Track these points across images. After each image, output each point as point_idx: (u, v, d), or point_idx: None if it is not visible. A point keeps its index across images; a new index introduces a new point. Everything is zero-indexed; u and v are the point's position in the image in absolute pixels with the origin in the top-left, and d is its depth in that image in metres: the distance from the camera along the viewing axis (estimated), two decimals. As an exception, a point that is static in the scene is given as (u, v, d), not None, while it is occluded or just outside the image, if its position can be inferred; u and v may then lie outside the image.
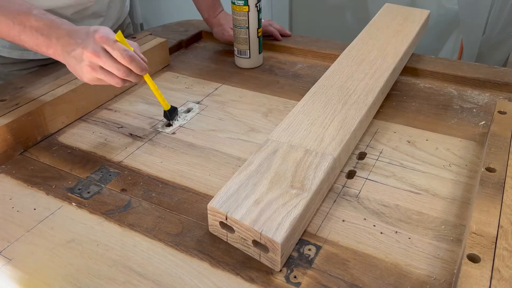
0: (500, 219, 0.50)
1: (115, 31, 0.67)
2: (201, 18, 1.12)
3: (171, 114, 0.78)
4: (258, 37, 0.94)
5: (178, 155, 0.71)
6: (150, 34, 0.98)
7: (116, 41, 0.65)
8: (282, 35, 1.07)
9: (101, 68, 0.65)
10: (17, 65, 0.96)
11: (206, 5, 1.05)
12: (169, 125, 0.78)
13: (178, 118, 0.80)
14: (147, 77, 0.72)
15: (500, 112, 0.69)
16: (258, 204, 0.53)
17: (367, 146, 0.71)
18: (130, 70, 0.66)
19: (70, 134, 0.77)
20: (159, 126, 0.78)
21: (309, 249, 0.54)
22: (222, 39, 1.05)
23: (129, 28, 1.16)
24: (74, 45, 0.66)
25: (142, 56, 0.68)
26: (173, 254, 0.54)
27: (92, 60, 0.64)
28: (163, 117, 0.79)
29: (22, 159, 0.71)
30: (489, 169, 0.58)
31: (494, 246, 0.47)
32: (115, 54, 0.65)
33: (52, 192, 0.64)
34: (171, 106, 0.78)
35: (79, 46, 0.65)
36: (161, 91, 0.74)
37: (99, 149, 0.73)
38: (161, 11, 2.36)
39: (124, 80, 0.68)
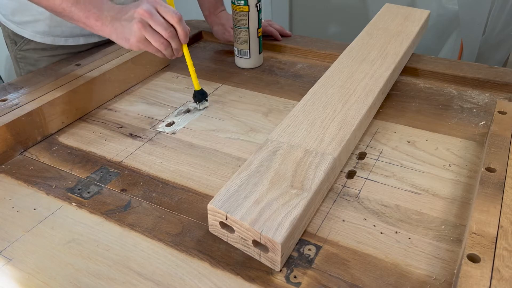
0: (500, 219, 0.50)
1: None
2: (201, 19, 1.12)
3: (200, 95, 0.82)
4: (258, 37, 0.94)
5: (178, 155, 0.71)
6: (150, 34, 0.98)
7: (167, 4, 0.73)
8: (282, 35, 1.07)
9: (150, 27, 0.70)
10: (48, 51, 0.99)
11: (208, 3, 1.05)
12: (188, 110, 0.82)
13: (206, 103, 0.83)
14: (186, 51, 0.77)
15: (500, 112, 0.69)
16: (258, 204, 0.53)
17: (367, 146, 0.71)
18: (175, 34, 0.72)
19: (70, 134, 0.77)
20: (159, 126, 0.78)
21: (309, 249, 0.54)
22: (222, 39, 1.05)
23: None
24: (126, 11, 0.72)
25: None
26: (173, 254, 0.54)
27: (143, 17, 0.70)
28: (192, 98, 0.83)
29: (22, 159, 0.71)
30: (489, 169, 0.58)
31: (494, 246, 0.47)
32: (167, 12, 0.71)
33: (52, 192, 0.64)
34: (201, 88, 0.82)
35: (131, 9, 0.71)
36: (161, 91, 0.74)
37: (99, 149, 0.73)
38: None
39: (167, 43, 0.72)
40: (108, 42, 1.04)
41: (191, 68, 0.80)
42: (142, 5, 0.71)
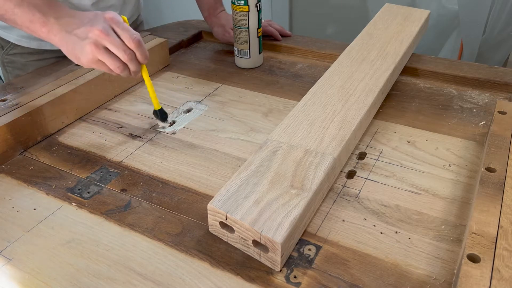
0: (500, 219, 0.50)
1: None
2: (201, 18, 1.12)
3: (161, 115, 0.77)
4: (258, 37, 0.94)
5: (178, 155, 0.71)
6: (150, 34, 0.98)
7: (125, 23, 0.66)
8: (282, 35, 1.07)
9: (105, 49, 0.64)
10: (35, 55, 0.97)
11: (207, 4, 1.05)
12: (167, 126, 0.78)
13: (167, 121, 0.78)
14: (145, 72, 0.72)
15: (500, 112, 0.69)
16: (258, 204, 0.53)
17: (367, 146, 0.71)
18: (134, 56, 0.66)
19: (70, 134, 0.77)
20: (159, 126, 0.78)
21: (309, 249, 0.54)
22: (222, 40, 1.05)
23: (142, 26, 1.16)
24: (78, 24, 0.65)
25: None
26: (173, 254, 0.54)
27: (98, 39, 0.63)
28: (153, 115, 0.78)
29: (22, 159, 0.71)
30: (489, 169, 0.58)
31: (494, 246, 0.47)
32: (125, 35, 0.64)
33: (52, 192, 0.64)
34: (162, 108, 0.77)
35: (85, 25, 0.64)
36: (161, 91, 0.74)
37: (99, 149, 0.73)
38: (161, 11, 2.36)
39: (124, 66, 0.66)
40: None
41: (150, 89, 0.74)
42: (97, 24, 0.64)
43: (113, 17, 0.65)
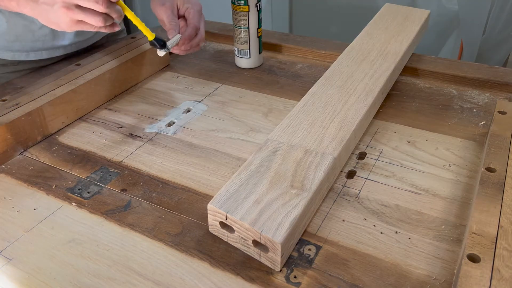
0: (500, 219, 0.50)
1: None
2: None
3: (158, 42, 0.76)
4: (258, 37, 0.94)
5: (178, 155, 0.71)
6: (150, 34, 0.98)
7: None
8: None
9: (78, 7, 0.62)
10: (8, 67, 0.94)
11: None
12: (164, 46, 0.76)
13: (169, 46, 0.78)
14: (126, 9, 0.69)
15: (500, 112, 0.69)
16: (258, 204, 0.53)
17: (367, 146, 0.71)
18: (108, 1, 0.62)
19: (70, 134, 0.77)
20: (160, 126, 0.78)
21: (309, 249, 0.54)
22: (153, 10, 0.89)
23: (123, 33, 1.14)
24: None
25: None
26: (173, 254, 0.54)
27: (66, 0, 0.61)
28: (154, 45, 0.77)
29: (22, 159, 0.71)
30: (489, 169, 0.58)
31: (494, 246, 0.47)
32: None
33: (52, 192, 0.64)
34: (156, 36, 0.75)
35: None
36: (161, 91, 0.73)
37: (99, 149, 0.73)
38: (161, 11, 2.35)
39: (105, 17, 0.63)
40: (80, 53, 0.99)
41: (137, 22, 0.71)
42: None
43: None
